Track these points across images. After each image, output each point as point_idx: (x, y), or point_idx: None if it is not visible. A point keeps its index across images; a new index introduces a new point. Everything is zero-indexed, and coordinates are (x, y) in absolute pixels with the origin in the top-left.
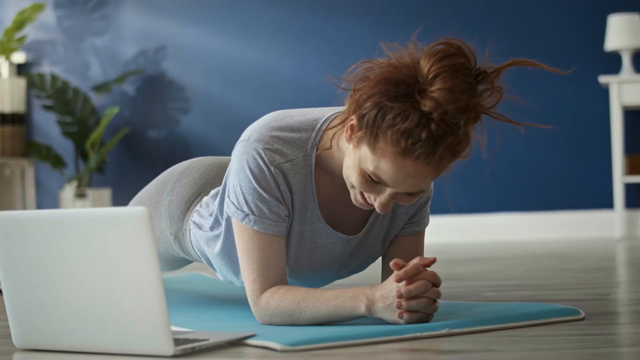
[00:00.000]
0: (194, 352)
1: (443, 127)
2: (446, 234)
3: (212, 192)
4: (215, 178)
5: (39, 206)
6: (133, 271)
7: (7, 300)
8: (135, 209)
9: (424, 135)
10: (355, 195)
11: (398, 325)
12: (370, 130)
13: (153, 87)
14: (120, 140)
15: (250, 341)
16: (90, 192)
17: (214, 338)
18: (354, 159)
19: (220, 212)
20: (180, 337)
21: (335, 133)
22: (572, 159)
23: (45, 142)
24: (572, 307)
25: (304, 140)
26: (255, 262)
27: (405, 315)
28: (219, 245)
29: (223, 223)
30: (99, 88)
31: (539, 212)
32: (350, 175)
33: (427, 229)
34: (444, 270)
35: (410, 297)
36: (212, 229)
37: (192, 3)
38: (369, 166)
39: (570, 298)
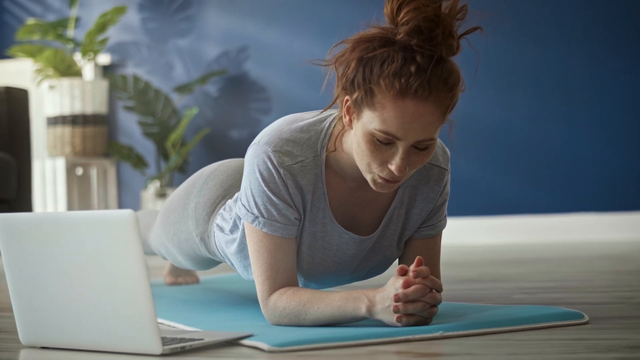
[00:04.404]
0: (184, 351)
1: (427, 53)
2: (524, 234)
3: (236, 195)
4: (241, 180)
5: (121, 205)
6: (121, 272)
7: (13, 299)
8: (122, 211)
9: (413, 68)
10: (373, 178)
11: (394, 327)
12: (364, 89)
13: (235, 87)
14: (202, 140)
15: (245, 341)
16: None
17: (209, 338)
18: (360, 132)
19: (238, 216)
20: (177, 336)
21: (337, 134)
22: None
23: (127, 142)
24: (576, 310)
25: (314, 140)
26: (264, 264)
27: (403, 319)
28: (236, 247)
29: (240, 227)
30: (181, 89)
31: (618, 213)
32: (362, 149)
33: (503, 230)
34: (494, 271)
35: (407, 300)
36: (231, 231)
37: (274, 4)
38: (375, 125)
39: (594, 301)
